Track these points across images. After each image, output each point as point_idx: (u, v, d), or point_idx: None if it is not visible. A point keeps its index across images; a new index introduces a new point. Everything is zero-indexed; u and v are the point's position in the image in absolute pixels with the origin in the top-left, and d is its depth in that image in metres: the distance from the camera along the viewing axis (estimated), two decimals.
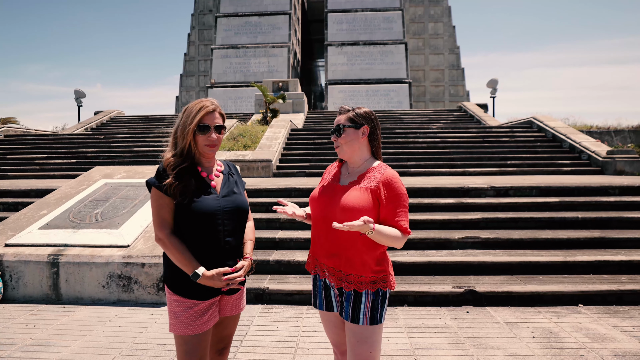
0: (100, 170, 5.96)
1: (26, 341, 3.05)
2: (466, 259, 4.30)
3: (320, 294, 1.77)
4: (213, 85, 27.53)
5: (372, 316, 1.62)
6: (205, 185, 1.70)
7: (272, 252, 4.55)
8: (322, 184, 1.81)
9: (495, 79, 20.03)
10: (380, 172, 1.68)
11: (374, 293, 1.63)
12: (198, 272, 1.60)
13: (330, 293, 1.74)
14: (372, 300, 1.63)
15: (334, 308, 1.74)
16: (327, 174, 1.87)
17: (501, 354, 2.79)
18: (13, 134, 13.88)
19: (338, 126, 1.74)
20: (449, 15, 31.09)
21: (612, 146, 11.20)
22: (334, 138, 1.75)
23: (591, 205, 5.56)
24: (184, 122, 1.68)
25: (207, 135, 1.68)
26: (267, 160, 9.05)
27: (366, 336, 1.62)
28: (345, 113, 1.75)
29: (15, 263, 3.99)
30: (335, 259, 1.67)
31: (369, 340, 1.62)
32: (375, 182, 1.65)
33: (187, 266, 1.61)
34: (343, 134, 1.72)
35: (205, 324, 1.66)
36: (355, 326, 1.63)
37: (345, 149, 1.73)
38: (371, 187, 1.64)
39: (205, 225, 1.65)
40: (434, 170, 9.26)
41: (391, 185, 1.64)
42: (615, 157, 8.99)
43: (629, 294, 3.71)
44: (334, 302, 1.73)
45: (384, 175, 1.66)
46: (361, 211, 1.60)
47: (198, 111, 1.66)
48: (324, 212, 1.69)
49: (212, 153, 1.74)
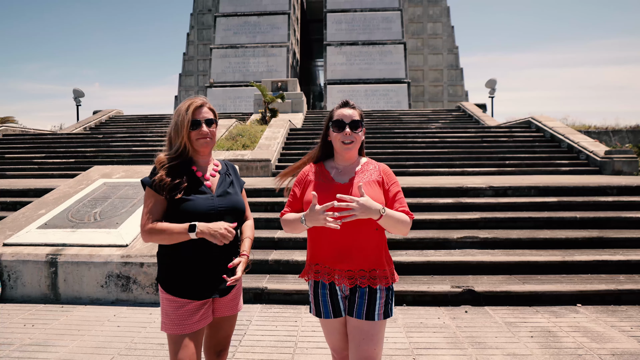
0: (99, 170, 5.95)
1: (24, 341, 3.05)
2: (465, 258, 4.30)
3: (325, 302, 1.70)
4: (212, 84, 27.51)
5: (385, 310, 1.66)
6: (199, 184, 1.70)
7: (271, 252, 4.55)
8: (311, 187, 1.71)
9: (494, 79, 20.07)
10: (374, 165, 1.78)
11: (387, 289, 1.68)
12: (194, 224, 1.59)
13: (338, 297, 1.69)
14: (385, 295, 1.67)
15: (341, 313, 1.70)
16: (308, 177, 1.76)
17: (500, 353, 2.80)
18: (11, 133, 13.84)
19: (355, 121, 1.69)
20: (448, 16, 31.12)
21: (610, 146, 11.23)
22: (349, 132, 1.67)
23: (589, 205, 5.58)
24: (176, 121, 1.70)
25: (199, 130, 1.69)
26: (266, 160, 9.05)
27: (374, 333, 1.63)
28: (353, 108, 1.73)
29: (13, 263, 3.98)
30: (347, 260, 1.65)
31: (376, 337, 1.63)
32: (376, 174, 1.72)
33: (181, 231, 1.60)
34: (360, 130, 1.71)
35: (195, 324, 1.65)
36: (367, 323, 1.63)
37: (356, 145, 1.72)
38: (377, 180, 1.70)
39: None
40: (432, 170, 9.27)
41: (389, 174, 1.75)
42: (614, 157, 9.01)
43: (627, 293, 3.72)
44: (341, 305, 1.69)
45: (380, 166, 1.78)
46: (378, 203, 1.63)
47: (187, 108, 1.69)
48: None
49: (207, 148, 1.74)
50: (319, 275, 1.71)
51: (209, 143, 1.73)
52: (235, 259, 1.71)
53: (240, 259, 1.71)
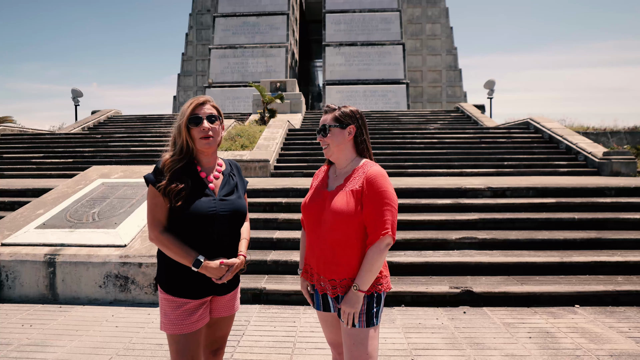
0: (98, 170, 5.94)
1: (22, 341, 3.04)
2: (463, 259, 4.31)
3: (317, 296, 1.75)
4: (211, 85, 27.48)
5: (367, 318, 1.61)
6: (202, 186, 1.68)
7: (269, 252, 4.55)
8: (311, 191, 1.78)
9: (493, 80, 20.11)
10: (365, 170, 1.64)
11: (368, 296, 1.61)
12: (200, 259, 1.61)
13: (327, 296, 1.72)
14: (367, 303, 1.61)
15: (331, 309, 1.73)
16: (315, 180, 1.82)
17: (498, 354, 2.80)
18: (9, 133, 13.79)
19: (324, 126, 1.69)
20: (447, 17, 31.18)
21: (608, 147, 11.26)
22: (320, 138, 1.71)
23: (587, 206, 5.59)
24: (179, 119, 1.70)
25: (200, 127, 1.66)
26: (264, 160, 9.05)
27: (362, 338, 1.60)
28: (331, 112, 1.70)
29: (11, 262, 3.97)
30: (328, 267, 1.65)
31: (365, 342, 1.60)
32: (359, 183, 1.61)
33: (186, 258, 1.61)
34: (329, 134, 1.68)
35: (194, 324, 1.66)
36: (352, 329, 1.61)
37: (333, 149, 1.69)
38: (355, 189, 1.60)
39: (199, 227, 1.64)
40: (431, 170, 9.28)
41: (373, 182, 1.57)
42: (612, 159, 9.04)
43: (625, 294, 3.73)
44: (331, 303, 1.72)
45: (367, 172, 1.61)
46: (349, 217, 1.57)
47: (189, 106, 1.68)
48: (316, 222, 1.68)
49: (210, 148, 1.69)
50: (312, 279, 1.76)
51: (211, 143, 1.68)
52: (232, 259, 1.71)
53: (235, 260, 1.70)
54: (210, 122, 1.68)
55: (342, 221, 1.58)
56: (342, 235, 1.60)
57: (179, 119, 1.70)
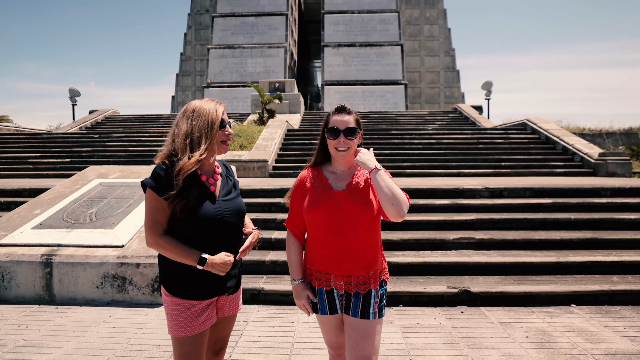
0: (95, 170, 5.92)
1: (18, 342, 3.03)
2: (461, 259, 4.33)
3: (322, 299, 1.72)
4: (209, 85, 27.46)
5: (380, 309, 1.68)
6: (204, 190, 1.67)
7: (268, 253, 4.55)
8: (311, 195, 1.71)
9: (490, 81, 20.18)
10: None
11: (379, 287, 1.70)
12: (204, 256, 1.59)
13: (334, 295, 1.71)
14: (380, 295, 1.69)
15: (337, 310, 1.72)
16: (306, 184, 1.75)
17: (495, 353, 2.81)
18: (6, 132, 13.74)
19: (350, 128, 1.66)
20: (445, 18, 31.28)
21: (604, 148, 11.33)
22: (344, 140, 1.65)
23: (584, 206, 5.63)
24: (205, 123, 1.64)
25: (224, 130, 1.71)
26: (263, 161, 9.04)
27: (371, 332, 1.64)
28: (350, 114, 1.70)
29: (7, 263, 3.95)
30: (346, 265, 1.66)
31: (372, 336, 1.64)
32: (366, 175, 1.72)
33: (189, 257, 1.59)
34: (356, 136, 1.69)
35: (202, 325, 1.65)
36: (363, 322, 1.64)
37: (352, 151, 1.69)
38: (367, 179, 1.70)
39: (204, 230, 1.63)
40: (429, 171, 9.31)
41: None
42: (607, 159, 9.10)
43: (620, 294, 3.75)
44: (338, 303, 1.71)
45: None
46: (373, 207, 1.66)
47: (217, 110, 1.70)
48: (335, 222, 1.65)
49: (225, 150, 1.77)
50: (320, 282, 1.72)
51: (228, 145, 1.77)
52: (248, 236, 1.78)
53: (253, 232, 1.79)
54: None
55: (370, 212, 1.65)
56: (367, 228, 1.66)
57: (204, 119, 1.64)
